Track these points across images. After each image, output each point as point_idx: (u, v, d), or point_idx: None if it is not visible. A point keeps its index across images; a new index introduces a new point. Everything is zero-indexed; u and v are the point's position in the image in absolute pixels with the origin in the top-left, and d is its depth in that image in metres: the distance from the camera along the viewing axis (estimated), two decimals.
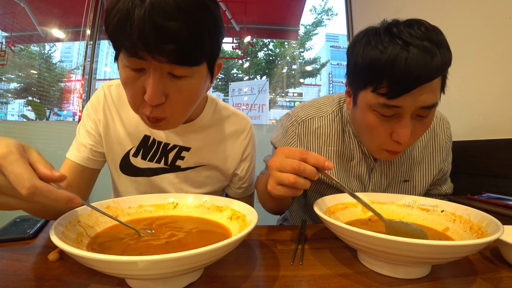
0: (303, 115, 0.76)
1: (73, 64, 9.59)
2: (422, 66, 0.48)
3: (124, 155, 0.70)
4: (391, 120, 0.56)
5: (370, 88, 0.55)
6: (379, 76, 0.52)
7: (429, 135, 0.76)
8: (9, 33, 2.49)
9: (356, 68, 0.57)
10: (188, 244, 0.43)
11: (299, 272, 0.44)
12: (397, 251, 0.36)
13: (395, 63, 0.49)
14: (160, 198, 0.58)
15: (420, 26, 0.51)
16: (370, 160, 0.73)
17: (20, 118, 5.83)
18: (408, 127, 0.54)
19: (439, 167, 0.76)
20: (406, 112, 0.54)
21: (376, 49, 0.52)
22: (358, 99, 0.60)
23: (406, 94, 0.51)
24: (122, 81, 0.51)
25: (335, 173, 0.73)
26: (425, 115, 0.56)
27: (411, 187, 0.76)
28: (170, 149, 0.70)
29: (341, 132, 0.74)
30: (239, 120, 0.78)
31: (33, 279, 0.40)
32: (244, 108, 3.23)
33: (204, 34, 0.46)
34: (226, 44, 2.36)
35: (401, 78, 0.50)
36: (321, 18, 7.02)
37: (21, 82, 3.91)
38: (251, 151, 0.80)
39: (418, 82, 0.50)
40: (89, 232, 0.44)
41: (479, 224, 0.46)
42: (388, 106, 0.54)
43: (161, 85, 0.48)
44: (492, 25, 0.93)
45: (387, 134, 0.58)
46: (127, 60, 0.47)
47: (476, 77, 0.99)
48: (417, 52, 0.49)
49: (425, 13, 1.23)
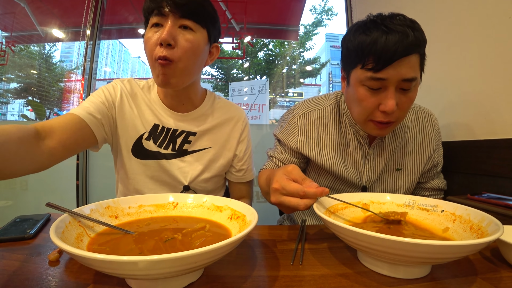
0: (303, 108, 0.84)
1: (73, 64, 9.60)
2: (398, 43, 0.59)
3: (137, 138, 0.79)
4: (378, 93, 0.65)
5: (359, 65, 0.65)
6: (366, 54, 0.63)
7: (418, 128, 0.84)
8: (9, 33, 2.49)
9: (348, 51, 0.69)
10: (188, 244, 0.43)
11: (299, 272, 0.44)
12: (397, 251, 0.37)
13: (377, 42, 0.61)
14: (160, 198, 0.58)
15: (400, 17, 0.62)
16: (365, 148, 0.80)
17: (20, 118, 5.83)
18: (393, 98, 0.63)
19: (429, 155, 0.83)
20: (390, 84, 0.63)
21: (363, 34, 0.63)
22: (351, 78, 0.70)
23: (388, 66, 0.61)
24: (145, 39, 0.70)
25: (333, 159, 0.80)
26: (407, 87, 0.64)
27: (403, 175, 0.83)
28: (178, 135, 0.80)
29: (338, 123, 0.82)
30: (235, 109, 0.89)
31: (33, 279, 0.40)
32: (244, 108, 3.22)
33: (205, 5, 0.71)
34: (226, 44, 2.36)
35: (382, 53, 0.60)
36: (321, 18, 7.01)
37: (21, 82, 3.91)
38: (247, 135, 0.90)
39: (396, 55, 0.60)
40: (89, 232, 0.44)
41: (479, 224, 0.46)
42: (375, 78, 0.63)
43: (174, 30, 0.67)
44: (492, 25, 0.93)
45: (375, 106, 0.67)
46: (151, 20, 0.68)
47: (476, 77, 0.99)
48: (395, 34, 0.60)
49: (425, 13, 1.23)
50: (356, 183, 0.81)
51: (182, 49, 0.67)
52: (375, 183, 0.82)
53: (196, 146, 0.82)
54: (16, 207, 2.04)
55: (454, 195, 0.83)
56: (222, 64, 6.16)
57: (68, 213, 0.43)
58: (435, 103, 1.12)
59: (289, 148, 0.83)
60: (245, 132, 0.88)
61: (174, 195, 0.58)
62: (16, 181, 2.05)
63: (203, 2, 0.71)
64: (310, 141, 0.81)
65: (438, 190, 0.88)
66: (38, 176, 2.05)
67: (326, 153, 0.80)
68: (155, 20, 0.67)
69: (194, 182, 0.82)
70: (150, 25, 0.69)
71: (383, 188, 0.83)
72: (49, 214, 0.67)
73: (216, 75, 6.36)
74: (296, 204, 0.50)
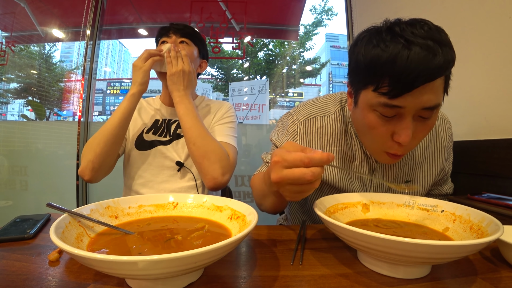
0: (305, 114, 0.75)
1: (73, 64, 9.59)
2: (423, 64, 0.47)
3: (140, 133, 1.00)
4: (392, 121, 0.55)
5: (371, 87, 0.54)
6: (380, 74, 0.51)
7: (431, 136, 0.75)
8: (9, 33, 2.49)
9: (358, 67, 0.57)
10: (188, 244, 0.43)
11: (299, 272, 0.44)
12: (397, 251, 0.36)
13: (396, 61, 0.48)
14: (160, 198, 0.58)
15: (423, 25, 0.50)
16: (372, 161, 0.72)
17: (20, 118, 5.82)
18: (410, 128, 0.53)
19: (441, 167, 0.75)
20: (408, 112, 0.53)
21: (378, 48, 0.51)
22: (359, 99, 0.59)
23: (407, 93, 0.50)
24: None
25: (337, 173, 0.73)
26: (427, 116, 0.54)
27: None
28: (172, 123, 1.02)
29: (343, 132, 0.73)
30: (221, 102, 1.10)
31: (33, 279, 0.40)
32: (244, 108, 3.22)
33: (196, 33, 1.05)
34: (226, 44, 2.36)
35: (402, 76, 0.49)
36: (321, 18, 7.01)
37: (21, 82, 3.90)
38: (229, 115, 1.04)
39: (420, 80, 0.48)
40: (89, 232, 0.44)
41: (479, 224, 0.46)
42: (389, 106, 0.53)
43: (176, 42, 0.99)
44: (492, 25, 0.93)
45: (388, 135, 0.57)
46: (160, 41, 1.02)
47: (476, 77, 0.99)
48: (419, 51, 0.47)
49: (425, 13, 1.23)
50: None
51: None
52: None
53: None
54: (16, 207, 2.05)
55: (454, 195, 0.83)
56: (222, 64, 6.16)
57: (68, 213, 0.44)
58: None
59: None
60: (228, 112, 1.05)
61: (174, 195, 0.58)
62: (16, 181, 2.05)
63: (194, 30, 1.05)
64: None
65: (445, 195, 0.83)
66: (38, 176, 2.05)
67: (329, 166, 0.72)
68: (163, 39, 1.01)
69: (188, 160, 0.97)
70: (159, 44, 1.02)
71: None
72: (49, 214, 0.67)
73: (216, 75, 6.36)
74: (301, 174, 0.41)
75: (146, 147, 0.97)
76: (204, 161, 0.84)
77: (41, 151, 2.10)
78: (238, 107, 3.24)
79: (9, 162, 2.09)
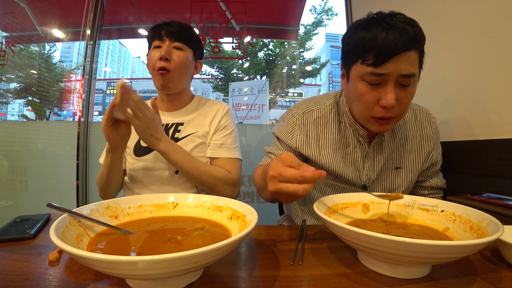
0: (303, 107, 0.84)
1: (73, 64, 9.59)
2: (398, 38, 0.60)
3: (136, 141, 0.99)
4: (378, 89, 0.66)
5: (360, 60, 0.66)
6: (366, 49, 0.64)
7: (417, 127, 0.85)
8: (9, 33, 2.48)
9: (348, 47, 0.70)
10: (188, 244, 0.43)
11: (299, 272, 0.44)
12: (397, 251, 0.36)
13: (378, 37, 0.62)
14: (160, 198, 0.58)
15: (400, 15, 0.64)
16: (364, 147, 0.80)
17: (20, 118, 5.82)
18: (392, 92, 0.64)
19: (427, 152, 0.83)
20: (390, 79, 0.64)
21: (364, 30, 0.64)
22: (351, 74, 0.71)
23: (388, 61, 0.62)
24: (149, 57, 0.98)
25: (332, 159, 0.80)
26: (406, 83, 0.65)
27: (402, 174, 0.83)
28: (170, 127, 1.00)
29: (337, 122, 0.82)
30: (217, 102, 1.07)
31: (33, 279, 0.40)
32: (244, 108, 3.22)
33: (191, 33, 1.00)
34: (226, 44, 2.36)
35: (382, 47, 0.61)
36: (321, 18, 7.00)
37: (21, 82, 3.90)
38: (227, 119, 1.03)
39: (396, 50, 0.60)
40: (89, 232, 0.44)
41: (479, 224, 0.46)
42: (375, 74, 0.64)
43: (170, 49, 0.94)
44: (492, 25, 0.93)
45: (375, 101, 0.67)
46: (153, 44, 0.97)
47: (476, 77, 0.99)
48: (396, 30, 0.61)
49: (425, 13, 1.23)
50: (356, 182, 0.81)
51: (175, 62, 0.94)
52: (375, 182, 0.82)
53: (185, 132, 0.99)
54: (16, 207, 2.05)
55: (454, 195, 0.83)
56: (222, 64, 6.16)
57: (68, 213, 0.44)
58: (434, 103, 1.12)
59: (289, 147, 0.83)
60: (225, 116, 1.03)
61: (174, 195, 0.58)
62: (16, 181, 2.05)
63: (190, 31, 0.99)
64: (309, 141, 0.81)
65: (437, 189, 0.88)
66: (38, 176, 2.05)
67: (325, 152, 0.81)
68: (157, 43, 0.96)
69: None
70: (152, 47, 0.97)
71: (383, 186, 0.83)
72: (49, 214, 0.67)
73: (216, 75, 6.35)
74: (294, 190, 0.48)
75: (144, 153, 0.97)
76: (214, 190, 0.90)
77: (41, 151, 2.10)
78: (238, 107, 3.23)
79: (9, 162, 2.09)
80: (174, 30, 0.95)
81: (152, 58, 0.95)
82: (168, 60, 0.93)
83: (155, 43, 0.96)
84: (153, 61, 0.94)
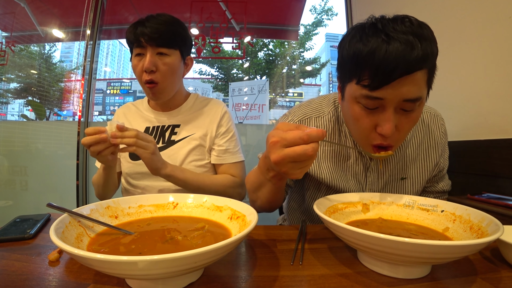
0: (300, 114, 0.76)
1: (73, 64, 9.58)
2: (400, 57, 0.49)
3: None
4: (375, 113, 0.57)
5: (355, 80, 0.56)
6: (361, 67, 0.53)
7: (424, 132, 0.76)
8: (9, 33, 2.48)
9: (343, 61, 0.59)
10: (188, 244, 0.43)
11: (299, 272, 0.44)
12: (397, 251, 0.36)
13: (375, 54, 0.50)
14: (160, 198, 0.58)
15: (405, 21, 0.51)
16: (366, 159, 0.73)
17: (20, 118, 5.82)
18: (390, 120, 0.54)
19: (435, 163, 0.76)
20: (389, 104, 0.54)
21: (360, 42, 0.53)
22: (346, 92, 0.61)
23: (387, 85, 0.51)
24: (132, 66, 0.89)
25: (332, 172, 0.74)
26: (409, 109, 0.55)
27: (408, 185, 0.76)
28: (166, 129, 0.97)
29: (337, 132, 0.75)
30: (215, 101, 1.03)
31: (33, 279, 0.40)
32: (244, 108, 3.22)
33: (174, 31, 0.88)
34: (226, 44, 2.36)
35: (380, 68, 0.50)
36: (321, 18, 7.00)
37: (21, 82, 3.90)
38: (227, 121, 0.99)
39: (397, 73, 0.50)
40: (89, 232, 0.44)
41: (479, 224, 0.46)
42: (371, 97, 0.54)
43: (153, 59, 0.85)
44: (492, 25, 0.93)
45: (371, 127, 0.58)
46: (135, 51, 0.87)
47: (476, 77, 0.99)
48: (398, 45, 0.49)
49: (425, 13, 1.23)
50: None
51: (162, 72, 0.87)
52: None
53: (182, 135, 0.96)
54: (16, 207, 2.05)
55: (454, 195, 0.83)
56: (222, 64, 6.15)
57: (68, 213, 0.44)
58: (434, 103, 1.12)
59: None
60: (224, 119, 0.99)
61: (174, 195, 0.58)
62: (16, 181, 2.05)
63: (172, 28, 0.88)
64: None
65: (442, 192, 0.83)
66: (38, 176, 2.05)
67: (325, 166, 0.74)
68: (138, 50, 0.86)
69: (184, 163, 0.94)
70: (134, 54, 0.88)
71: None
72: (49, 214, 0.67)
73: (216, 75, 6.35)
74: (303, 150, 0.42)
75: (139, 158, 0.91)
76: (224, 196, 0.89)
77: (41, 151, 2.10)
78: (238, 107, 3.23)
79: (9, 162, 2.09)
80: (154, 35, 0.83)
81: (137, 68, 0.87)
82: (154, 72, 0.85)
83: (136, 50, 0.87)
84: (138, 71, 0.88)
